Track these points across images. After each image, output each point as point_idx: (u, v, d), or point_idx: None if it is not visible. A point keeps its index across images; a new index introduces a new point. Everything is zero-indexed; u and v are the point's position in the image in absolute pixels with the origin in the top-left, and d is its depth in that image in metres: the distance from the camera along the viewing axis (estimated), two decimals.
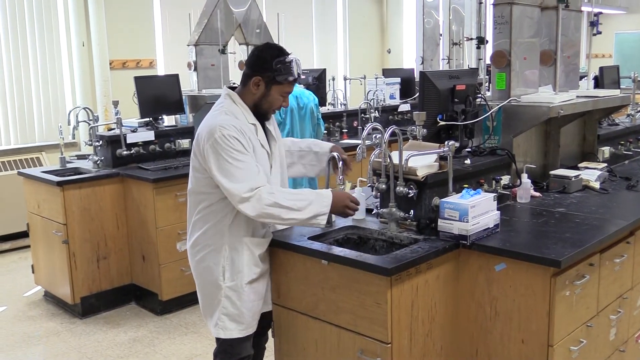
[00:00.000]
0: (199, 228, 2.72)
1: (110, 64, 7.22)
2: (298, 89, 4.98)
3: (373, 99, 6.70)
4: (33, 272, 5.07)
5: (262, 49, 2.70)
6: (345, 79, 7.55)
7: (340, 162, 2.84)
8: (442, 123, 3.05)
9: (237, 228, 2.66)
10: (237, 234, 2.67)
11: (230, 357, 2.81)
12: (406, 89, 7.38)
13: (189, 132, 5.11)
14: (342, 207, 2.64)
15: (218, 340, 2.82)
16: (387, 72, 7.89)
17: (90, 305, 4.68)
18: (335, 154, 2.91)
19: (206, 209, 2.69)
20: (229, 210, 2.64)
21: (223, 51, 5.81)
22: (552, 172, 3.57)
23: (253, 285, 2.72)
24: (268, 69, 2.61)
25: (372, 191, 2.89)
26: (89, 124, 5.01)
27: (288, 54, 2.66)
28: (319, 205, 2.57)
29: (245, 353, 2.83)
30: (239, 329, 2.72)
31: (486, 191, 2.91)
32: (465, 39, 8.08)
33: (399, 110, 7.10)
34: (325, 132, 5.97)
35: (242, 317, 2.72)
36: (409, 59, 10.28)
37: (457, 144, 2.97)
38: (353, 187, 3.14)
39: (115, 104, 5.18)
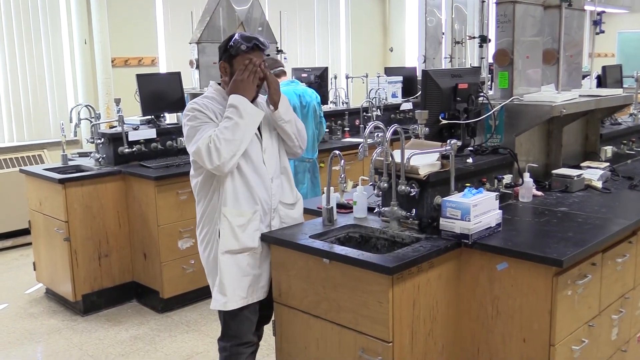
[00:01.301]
0: (199, 211, 2.87)
1: (112, 61, 7.22)
2: (301, 87, 4.97)
3: (375, 97, 6.69)
4: (35, 269, 5.08)
5: (220, 43, 2.88)
6: (347, 77, 7.54)
7: (342, 161, 2.84)
8: (444, 122, 3.05)
9: (221, 201, 2.76)
10: (219, 205, 2.76)
11: (230, 340, 2.86)
12: (408, 87, 7.37)
13: None
14: (243, 84, 2.71)
15: (221, 323, 2.89)
16: (389, 71, 7.89)
17: (92, 303, 4.68)
18: (337, 152, 2.91)
19: (200, 190, 2.83)
20: (214, 185, 2.77)
21: None
22: (554, 172, 3.56)
23: (235, 257, 2.76)
24: (224, 52, 2.80)
25: (374, 190, 2.89)
26: (91, 122, 5.01)
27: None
28: (246, 118, 2.67)
29: (246, 339, 2.86)
30: (223, 300, 2.77)
31: (488, 190, 2.91)
32: (467, 37, 8.06)
33: (401, 108, 7.09)
34: (327, 130, 5.97)
35: (224, 288, 2.76)
36: (411, 58, 10.25)
37: (459, 143, 2.95)
38: (355, 186, 3.14)
39: (117, 101, 5.18)
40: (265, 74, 2.77)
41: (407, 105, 7.11)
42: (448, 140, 2.73)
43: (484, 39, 4.35)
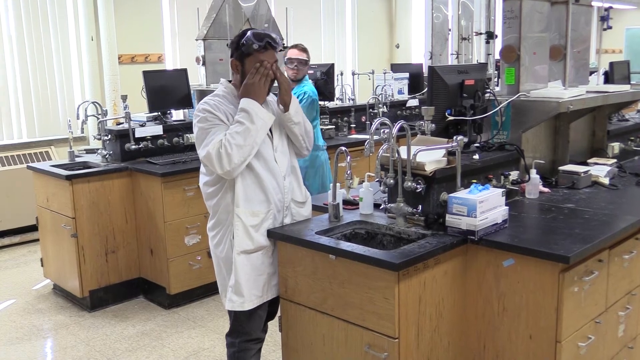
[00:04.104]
0: (211, 210, 2.86)
1: (118, 58, 7.23)
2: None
3: (381, 94, 6.69)
4: (42, 265, 5.10)
5: (232, 39, 2.85)
6: (353, 73, 7.53)
7: (348, 157, 2.84)
8: (450, 118, 3.05)
9: (233, 201, 2.75)
10: (233, 205, 2.76)
11: (239, 336, 2.87)
12: (414, 84, 7.36)
13: None
14: (254, 87, 2.69)
15: (230, 320, 2.90)
16: (396, 67, 7.87)
17: (99, 299, 4.71)
18: (343, 148, 2.91)
19: (212, 189, 2.81)
20: (227, 184, 2.75)
21: None
22: (561, 168, 3.56)
23: (250, 256, 2.76)
24: (236, 49, 2.78)
25: (380, 186, 2.89)
26: (98, 118, 5.03)
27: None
28: (257, 123, 2.65)
29: (255, 335, 2.88)
30: (240, 301, 2.77)
31: (495, 186, 2.91)
32: (474, 33, 8.04)
33: (407, 105, 7.08)
34: (334, 126, 5.96)
35: (240, 288, 2.76)
36: (418, 54, 10.24)
37: (466, 139, 2.95)
38: (361, 182, 3.14)
39: (124, 98, 5.19)
40: (276, 75, 2.75)
41: (413, 102, 7.10)
42: (454, 137, 2.73)
43: (490, 35, 4.33)
